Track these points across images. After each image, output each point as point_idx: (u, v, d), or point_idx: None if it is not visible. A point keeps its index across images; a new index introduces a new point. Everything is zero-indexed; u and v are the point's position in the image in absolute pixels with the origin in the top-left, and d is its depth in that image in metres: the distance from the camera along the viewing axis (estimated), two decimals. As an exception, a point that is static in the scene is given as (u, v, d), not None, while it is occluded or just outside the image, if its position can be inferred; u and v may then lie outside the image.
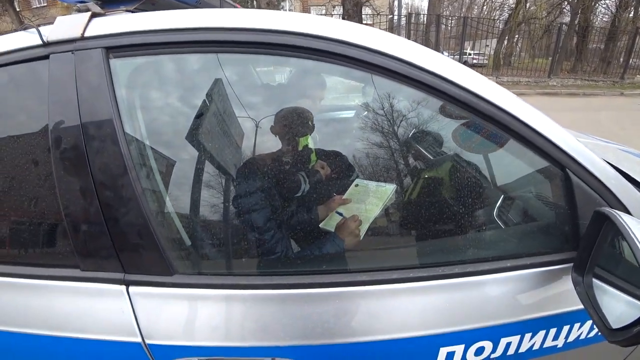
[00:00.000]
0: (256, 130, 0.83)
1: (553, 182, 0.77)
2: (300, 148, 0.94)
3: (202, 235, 0.76)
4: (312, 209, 0.90)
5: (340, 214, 0.89)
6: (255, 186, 0.81)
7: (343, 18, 10.10)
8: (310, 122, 0.92)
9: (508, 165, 0.83)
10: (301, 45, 0.66)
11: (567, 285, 0.73)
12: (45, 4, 27.67)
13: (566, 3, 19.05)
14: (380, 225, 0.86)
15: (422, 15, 12.95)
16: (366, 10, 12.89)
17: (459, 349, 0.71)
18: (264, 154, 0.87)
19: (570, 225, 0.74)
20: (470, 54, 17.06)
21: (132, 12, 0.76)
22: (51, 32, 0.70)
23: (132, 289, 0.68)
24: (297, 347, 0.67)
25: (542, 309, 0.73)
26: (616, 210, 0.64)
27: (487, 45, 16.47)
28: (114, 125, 0.64)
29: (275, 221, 0.81)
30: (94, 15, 0.71)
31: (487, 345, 0.72)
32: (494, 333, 0.72)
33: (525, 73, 12.67)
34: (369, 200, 0.88)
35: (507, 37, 15.74)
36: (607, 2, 19.05)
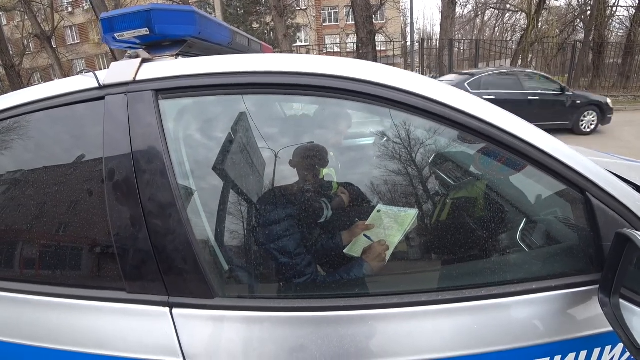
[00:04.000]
0: (275, 161, 0.89)
1: (574, 205, 0.79)
2: (321, 176, 0.99)
3: (241, 260, 0.81)
4: (336, 234, 0.94)
5: (369, 238, 0.92)
6: (283, 214, 0.86)
7: (357, 46, 10.41)
8: (324, 157, 0.98)
9: (529, 189, 0.85)
10: (330, 86, 0.74)
11: (595, 306, 0.73)
12: (78, 41, 29.91)
13: (579, 21, 19.05)
14: (409, 248, 0.89)
15: (434, 40, 13.22)
16: (379, 38, 13.27)
17: None
18: (287, 185, 0.93)
19: (594, 247, 0.75)
20: (485, 75, 17.11)
21: (176, 56, 0.86)
22: (106, 77, 0.80)
23: (175, 311, 0.72)
24: None
25: (571, 331, 0.73)
26: (637, 232, 0.66)
27: (501, 66, 16.57)
28: (163, 159, 0.71)
29: (304, 246, 0.86)
30: (144, 60, 0.80)
31: None
32: (523, 355, 0.72)
33: (542, 92, 12.56)
34: (392, 225, 0.92)
35: (520, 57, 15.77)
36: (620, 17, 18.93)
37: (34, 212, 0.86)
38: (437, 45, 12.02)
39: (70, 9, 28.63)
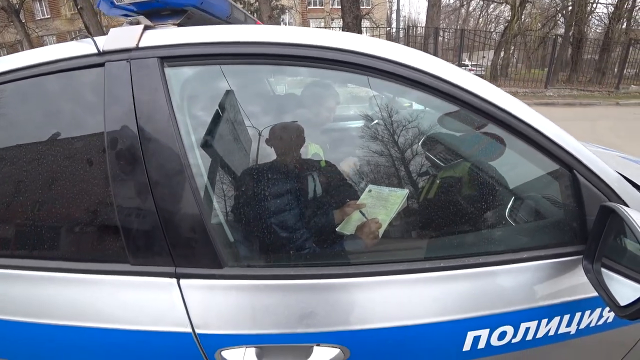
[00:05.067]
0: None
1: (562, 182, 0.84)
2: (310, 155, 1.01)
3: (249, 229, 0.82)
4: (328, 213, 0.96)
5: (363, 214, 0.95)
6: (274, 190, 0.87)
7: (343, 30, 10.30)
8: (300, 136, 0.98)
9: (522, 167, 0.90)
10: (333, 59, 0.74)
11: (577, 274, 0.79)
12: (49, 16, 28.15)
13: (560, 15, 19.52)
14: (414, 221, 0.92)
15: (419, 27, 13.24)
16: (365, 23, 13.16)
17: (484, 334, 0.77)
18: (270, 162, 0.93)
19: (578, 221, 0.81)
20: (467, 66, 17.40)
21: (178, 25, 0.84)
22: (106, 42, 0.77)
23: (183, 281, 0.72)
24: (341, 333, 0.73)
25: (557, 297, 0.79)
26: (620, 205, 0.71)
27: (484, 57, 16.82)
28: (171, 128, 0.70)
29: (298, 222, 0.87)
30: (146, 27, 0.78)
31: (509, 330, 0.78)
32: (515, 318, 0.78)
33: (522, 84, 12.89)
34: (383, 204, 0.94)
35: (503, 49, 16.06)
36: (600, 14, 19.51)
37: (30, 186, 0.82)
38: (423, 33, 12.04)
39: (39, -20, 26.84)
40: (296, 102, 1.07)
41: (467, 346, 0.77)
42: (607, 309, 0.85)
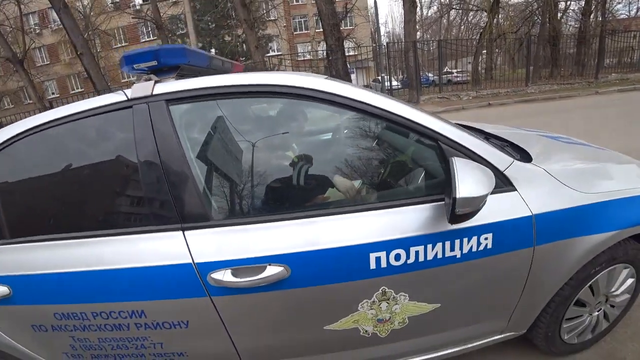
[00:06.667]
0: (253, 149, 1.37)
1: (437, 152, 1.25)
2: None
3: (228, 201, 1.28)
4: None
5: None
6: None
7: (327, 53, 10.95)
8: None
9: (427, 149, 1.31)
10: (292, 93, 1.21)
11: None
12: (48, 62, 29.32)
13: (536, 16, 20.27)
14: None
15: (400, 43, 13.99)
16: (350, 43, 13.93)
17: (383, 255, 1.14)
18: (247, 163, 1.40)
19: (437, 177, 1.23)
20: (453, 73, 18.08)
21: (176, 77, 1.30)
22: (132, 92, 1.22)
23: (187, 232, 1.16)
24: (284, 255, 1.13)
25: (436, 228, 1.16)
26: (454, 157, 1.11)
27: (469, 63, 17.47)
28: (175, 141, 1.16)
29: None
30: (156, 82, 1.24)
31: (402, 252, 1.15)
32: (404, 243, 1.14)
33: (505, 84, 13.44)
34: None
35: (482, 53, 16.72)
36: (574, 10, 20.18)
37: (95, 190, 1.27)
38: (402, 47, 12.74)
39: (37, 30, 28.25)
40: (264, 124, 1.54)
41: (372, 265, 1.14)
42: (483, 236, 1.20)
